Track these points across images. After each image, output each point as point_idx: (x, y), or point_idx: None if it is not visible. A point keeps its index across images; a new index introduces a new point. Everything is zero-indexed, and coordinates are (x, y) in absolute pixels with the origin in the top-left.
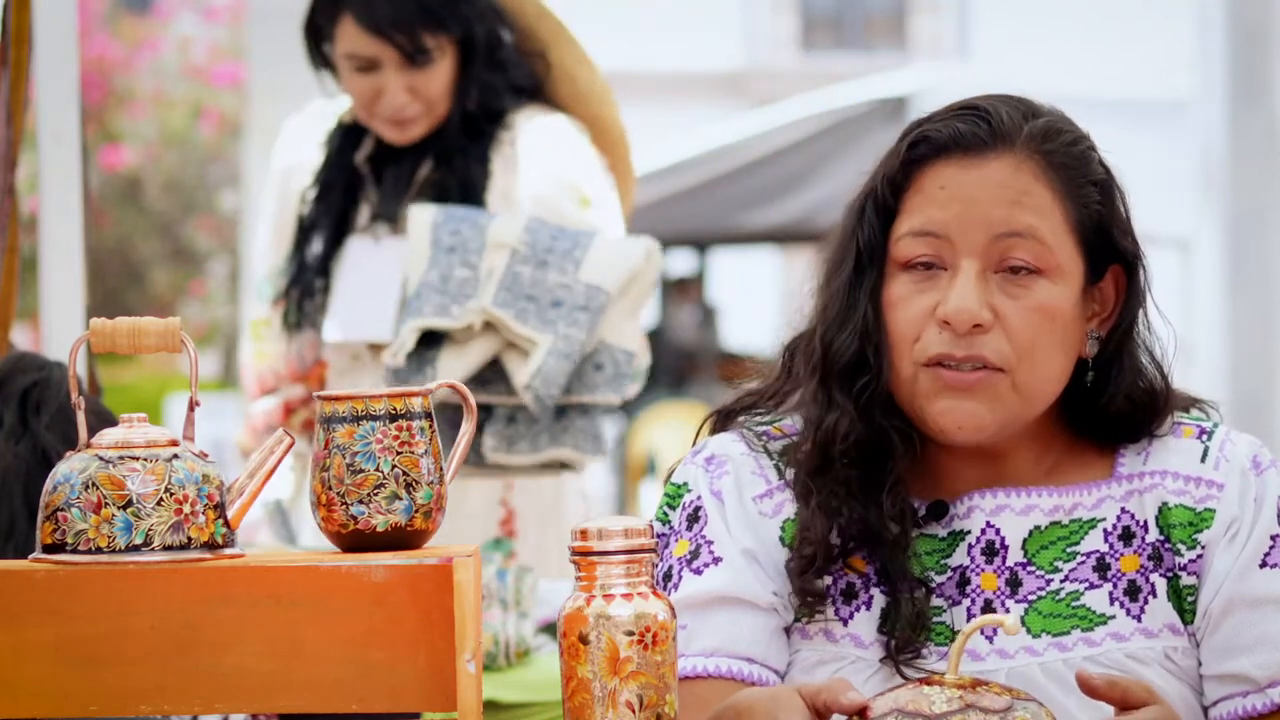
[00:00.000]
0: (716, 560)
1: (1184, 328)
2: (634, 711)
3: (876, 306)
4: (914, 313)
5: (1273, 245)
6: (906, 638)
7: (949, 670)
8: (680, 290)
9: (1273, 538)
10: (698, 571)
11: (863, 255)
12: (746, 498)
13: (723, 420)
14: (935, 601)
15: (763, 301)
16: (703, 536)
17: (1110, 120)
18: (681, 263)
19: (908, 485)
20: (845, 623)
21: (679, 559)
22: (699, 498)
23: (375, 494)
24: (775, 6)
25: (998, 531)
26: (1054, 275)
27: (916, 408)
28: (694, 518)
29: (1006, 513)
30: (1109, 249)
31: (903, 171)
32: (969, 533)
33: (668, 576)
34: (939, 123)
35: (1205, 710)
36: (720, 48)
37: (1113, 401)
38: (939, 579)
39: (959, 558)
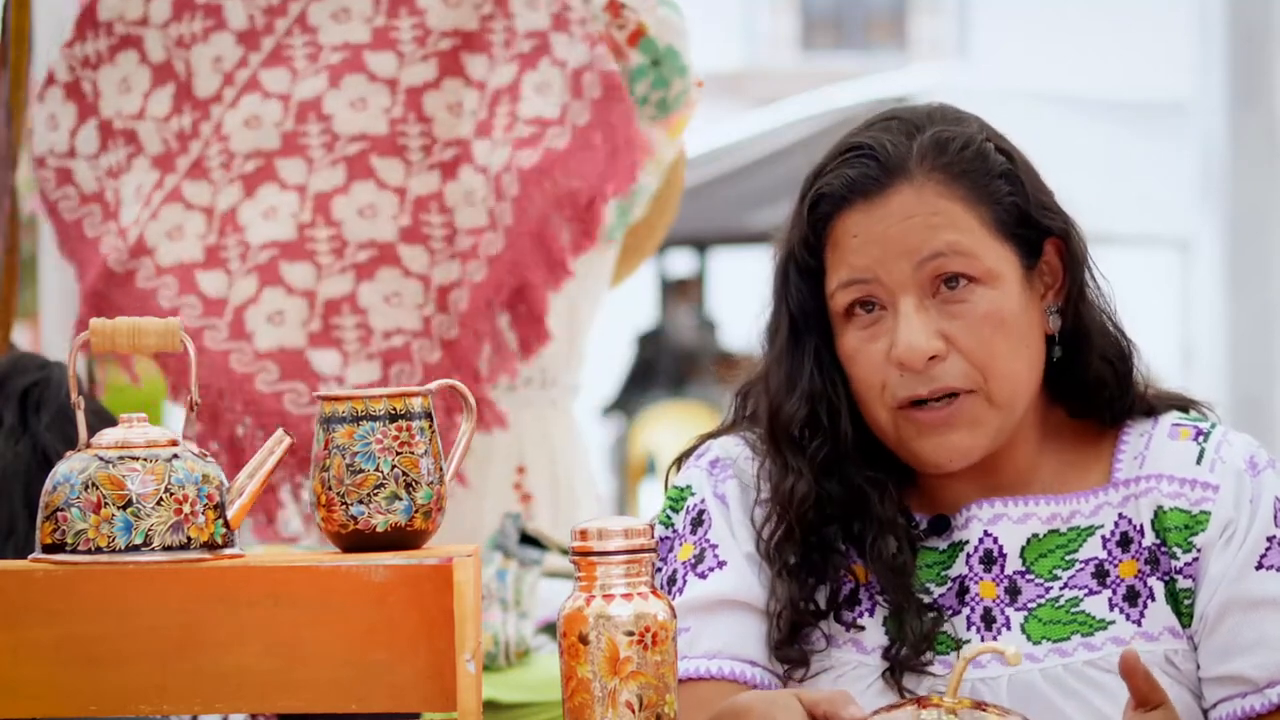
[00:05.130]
0: (721, 564)
1: (1184, 328)
2: (634, 711)
3: (822, 367)
4: (872, 362)
5: (1273, 245)
6: (909, 658)
7: (948, 693)
8: (680, 291)
9: (1269, 539)
10: (702, 575)
11: (797, 319)
12: (750, 501)
13: (683, 463)
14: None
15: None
16: (707, 540)
17: (1110, 120)
18: (681, 263)
19: (906, 502)
20: (848, 628)
21: (683, 563)
22: (703, 501)
23: (375, 494)
24: (775, 6)
25: (995, 540)
26: (989, 280)
27: (905, 449)
28: (698, 521)
29: (1004, 521)
30: (1037, 230)
31: (813, 232)
32: (967, 542)
33: (672, 580)
34: (830, 175)
35: (1205, 713)
36: (720, 48)
37: (1090, 367)
38: (939, 590)
39: (958, 568)
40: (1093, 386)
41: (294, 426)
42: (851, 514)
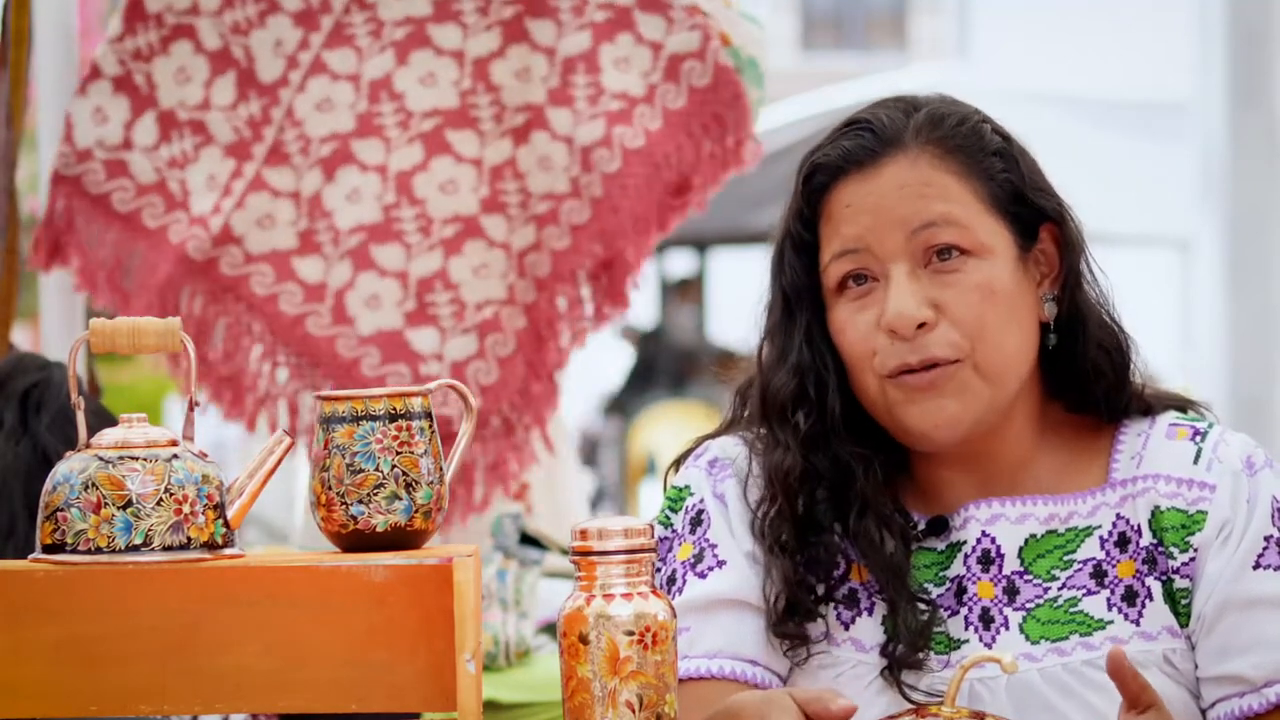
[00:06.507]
0: (720, 564)
1: (1184, 328)
2: (634, 711)
3: (812, 342)
4: (861, 331)
5: (1273, 245)
6: (906, 655)
7: (946, 702)
8: (680, 291)
9: (1266, 539)
10: (702, 575)
11: (789, 297)
12: (749, 501)
13: (682, 464)
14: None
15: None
16: (706, 540)
17: (1110, 120)
18: (681, 263)
19: (903, 502)
20: (847, 627)
21: (683, 562)
22: (701, 500)
23: (375, 494)
24: (775, 6)
25: (993, 540)
26: (981, 253)
27: (894, 419)
28: (697, 521)
29: (1002, 521)
30: (1032, 211)
31: (808, 205)
32: (965, 543)
33: (671, 580)
34: (827, 147)
35: (1203, 713)
36: None
37: (1086, 355)
38: (937, 590)
39: (956, 568)
40: (1089, 376)
41: None
42: (838, 491)
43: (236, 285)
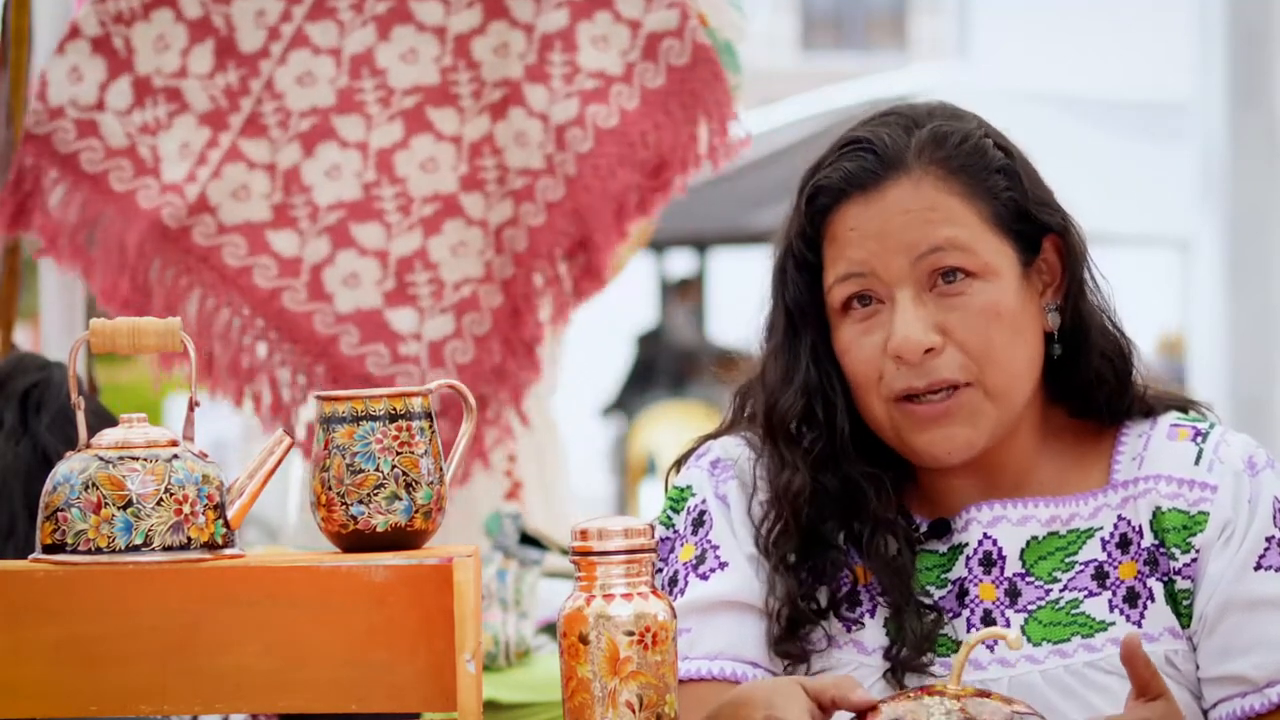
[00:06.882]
0: (722, 565)
1: (1184, 328)
2: (634, 711)
3: (818, 361)
4: (867, 353)
5: (1273, 245)
6: (910, 658)
7: (951, 680)
8: (680, 291)
9: (1268, 539)
10: (704, 577)
11: (793, 315)
12: (753, 510)
13: (684, 464)
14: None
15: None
16: (708, 541)
17: (1110, 120)
18: (681, 263)
19: (906, 505)
20: (849, 629)
21: (685, 564)
22: (704, 501)
23: (375, 494)
24: (775, 6)
25: (995, 542)
26: (987, 274)
27: (902, 442)
28: (699, 522)
29: (1003, 524)
30: (1035, 226)
31: (811, 226)
32: (966, 545)
33: (673, 581)
34: (829, 168)
35: (1205, 713)
36: None
37: (1089, 364)
38: (939, 593)
39: (958, 570)
40: (1092, 384)
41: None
42: (848, 510)
43: (209, 255)
